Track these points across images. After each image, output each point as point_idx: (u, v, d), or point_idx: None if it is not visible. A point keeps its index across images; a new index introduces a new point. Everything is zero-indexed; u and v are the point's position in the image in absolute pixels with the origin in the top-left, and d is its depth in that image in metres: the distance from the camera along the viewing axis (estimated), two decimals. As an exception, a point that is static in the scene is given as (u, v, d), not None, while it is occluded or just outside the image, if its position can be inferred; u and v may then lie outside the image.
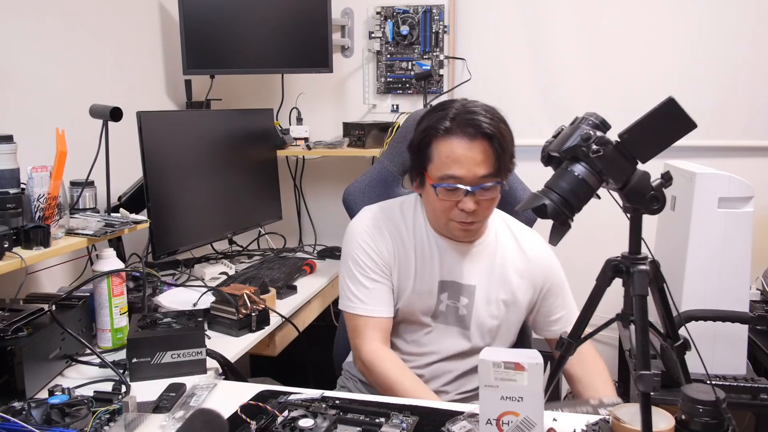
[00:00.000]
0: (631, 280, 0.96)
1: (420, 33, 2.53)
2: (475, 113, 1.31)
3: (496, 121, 1.32)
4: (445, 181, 1.32)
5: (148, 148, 1.76)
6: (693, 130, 0.92)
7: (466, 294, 1.44)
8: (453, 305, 1.44)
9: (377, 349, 1.39)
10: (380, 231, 1.45)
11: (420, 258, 1.44)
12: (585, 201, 0.96)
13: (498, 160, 1.30)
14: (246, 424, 1.04)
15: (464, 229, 1.37)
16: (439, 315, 1.45)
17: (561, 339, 1.06)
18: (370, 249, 1.43)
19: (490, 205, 1.36)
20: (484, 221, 1.41)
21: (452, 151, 1.31)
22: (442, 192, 1.33)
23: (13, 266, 1.25)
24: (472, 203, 1.32)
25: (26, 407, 1.02)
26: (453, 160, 1.31)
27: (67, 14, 1.87)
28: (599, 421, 1.01)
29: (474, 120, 1.30)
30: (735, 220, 1.60)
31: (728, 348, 1.63)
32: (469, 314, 1.44)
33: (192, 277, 1.97)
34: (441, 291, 1.44)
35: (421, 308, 1.44)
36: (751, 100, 2.32)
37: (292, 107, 2.58)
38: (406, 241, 1.45)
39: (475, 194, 1.31)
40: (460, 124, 1.31)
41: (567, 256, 1.56)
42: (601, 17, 2.39)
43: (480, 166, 1.30)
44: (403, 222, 1.47)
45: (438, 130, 1.32)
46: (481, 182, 1.31)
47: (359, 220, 1.49)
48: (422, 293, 1.44)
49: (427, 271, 1.44)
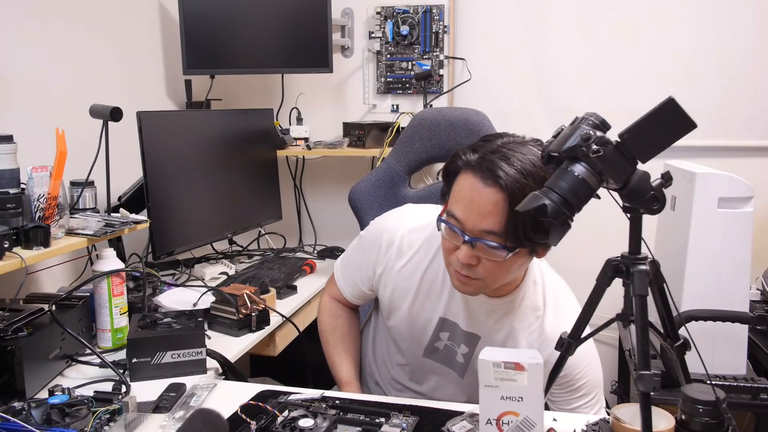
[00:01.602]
0: (631, 280, 0.96)
1: (420, 33, 2.53)
2: (505, 157, 1.08)
3: (524, 175, 1.07)
4: (448, 219, 1.15)
5: (148, 148, 1.76)
6: (693, 130, 0.92)
7: (467, 342, 1.30)
8: (452, 347, 1.32)
9: (327, 300, 1.52)
10: (391, 246, 1.34)
11: (428, 286, 1.31)
12: (585, 201, 0.96)
13: (509, 220, 1.07)
14: (246, 424, 1.04)
15: (459, 279, 1.18)
16: (435, 352, 1.34)
17: (561, 339, 1.06)
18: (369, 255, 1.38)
19: (495, 268, 1.13)
20: (487, 282, 1.17)
21: (463, 188, 1.12)
22: (444, 229, 1.16)
23: (13, 266, 1.25)
24: (467, 256, 1.12)
25: (26, 407, 1.02)
26: (460, 199, 1.12)
27: (68, 14, 1.87)
28: (599, 421, 1.01)
29: (495, 162, 1.08)
30: (735, 220, 1.60)
31: (728, 348, 1.63)
32: (467, 363, 1.31)
33: (192, 277, 1.97)
34: (441, 328, 1.31)
35: (414, 335, 1.34)
36: (751, 100, 2.32)
37: (292, 107, 2.58)
38: (419, 265, 1.32)
39: (475, 247, 1.11)
40: (481, 162, 1.10)
41: (567, 256, 1.56)
42: (601, 17, 2.39)
43: (485, 218, 1.09)
44: (430, 247, 1.32)
45: (461, 159, 1.14)
46: (481, 236, 1.10)
47: (387, 226, 1.37)
48: (418, 320, 1.32)
49: (430, 302, 1.31)
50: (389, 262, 1.34)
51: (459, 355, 1.32)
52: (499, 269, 1.14)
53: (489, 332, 1.28)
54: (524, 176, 1.07)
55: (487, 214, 1.09)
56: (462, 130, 1.82)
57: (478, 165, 1.10)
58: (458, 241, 1.13)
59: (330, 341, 1.48)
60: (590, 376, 1.27)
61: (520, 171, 1.07)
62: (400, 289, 1.33)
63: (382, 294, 1.38)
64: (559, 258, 1.52)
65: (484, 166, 1.09)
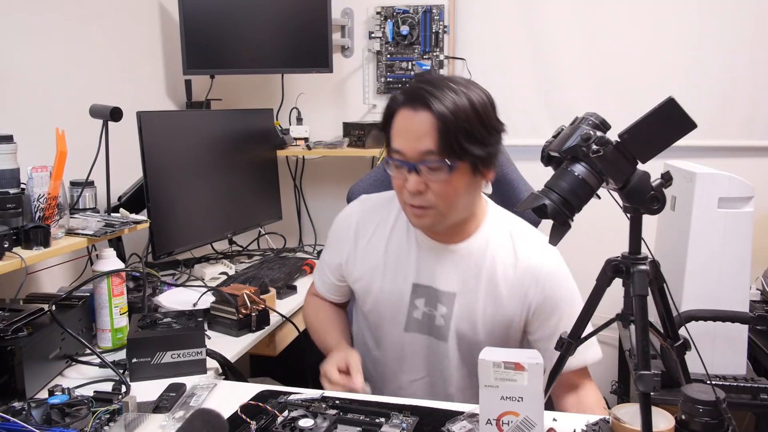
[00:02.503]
0: (631, 280, 0.96)
1: (420, 33, 2.53)
2: (430, 84, 1.18)
3: (449, 90, 1.17)
4: (391, 156, 1.22)
5: (148, 148, 1.76)
6: (693, 130, 0.92)
7: (445, 302, 1.30)
8: (430, 313, 1.32)
9: (308, 297, 1.58)
10: (349, 230, 1.40)
11: (394, 256, 1.34)
12: (585, 201, 0.96)
13: (443, 135, 1.15)
14: (246, 424, 1.04)
15: (415, 214, 1.23)
16: (415, 324, 1.34)
17: (561, 339, 1.06)
18: (332, 247, 1.46)
19: (443, 189, 1.19)
20: (443, 209, 1.21)
21: (399, 123, 1.21)
22: (391, 168, 1.23)
23: (13, 266, 1.25)
24: (415, 183, 1.18)
25: (26, 407, 1.02)
26: (397, 133, 1.21)
27: (68, 14, 1.87)
28: (599, 421, 1.01)
29: (420, 89, 1.18)
30: (735, 220, 1.60)
31: (728, 348, 1.63)
32: (447, 325, 1.30)
33: (192, 277, 1.97)
34: (416, 295, 1.32)
35: (391, 312, 1.35)
36: (751, 100, 2.32)
37: (292, 107, 2.58)
38: (381, 235, 1.37)
39: (420, 173, 1.18)
40: (408, 95, 1.19)
41: (567, 256, 1.56)
42: (602, 17, 2.38)
43: (421, 140, 1.16)
44: (389, 215, 1.38)
45: (394, 104, 1.23)
46: (422, 158, 1.17)
47: (342, 215, 1.46)
48: (392, 294, 1.34)
49: (400, 271, 1.33)
50: (352, 244, 1.39)
51: (438, 317, 1.32)
52: (448, 191, 1.19)
53: (464, 287, 1.30)
54: (447, 90, 1.17)
55: (422, 136, 1.16)
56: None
57: (407, 99, 1.20)
58: (404, 173, 1.20)
59: (314, 324, 1.52)
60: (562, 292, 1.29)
61: (443, 89, 1.17)
62: (368, 266, 1.37)
63: (353, 279, 1.40)
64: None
65: (412, 97, 1.19)
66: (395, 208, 1.37)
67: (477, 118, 1.17)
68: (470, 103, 1.17)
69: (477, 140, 1.17)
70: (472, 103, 1.17)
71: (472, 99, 1.18)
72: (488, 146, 1.20)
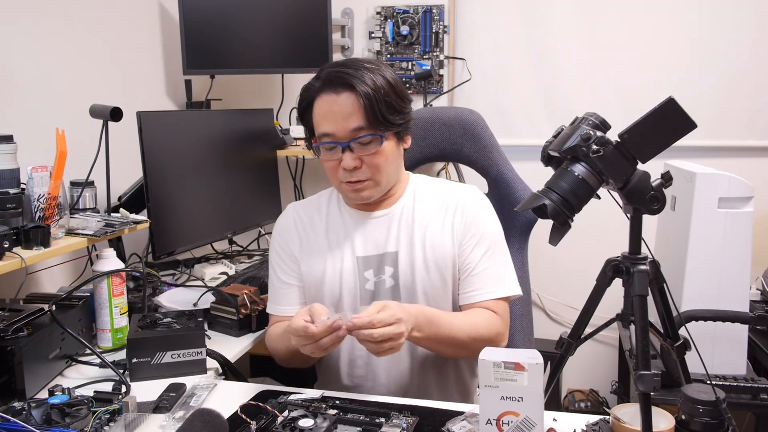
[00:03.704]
0: (631, 280, 0.96)
1: (420, 33, 2.53)
2: (345, 66, 1.28)
3: (365, 70, 1.27)
4: (321, 141, 1.30)
5: (148, 148, 1.76)
6: (693, 130, 0.92)
7: (390, 263, 1.36)
8: (378, 280, 1.36)
9: (269, 331, 1.44)
10: (290, 228, 1.43)
11: (334, 237, 1.40)
12: (585, 201, 0.96)
13: (369, 110, 1.25)
14: (246, 424, 1.04)
15: (353, 189, 1.32)
16: (367, 296, 1.36)
17: (561, 339, 1.06)
18: (280, 249, 1.44)
19: (376, 160, 1.29)
20: (378, 179, 1.31)
21: (322, 108, 1.28)
22: (323, 153, 1.31)
23: (13, 266, 1.25)
24: (351, 160, 1.27)
25: (26, 407, 1.02)
26: (323, 117, 1.28)
27: (67, 14, 1.87)
28: (599, 421, 1.01)
29: (338, 72, 1.27)
30: (735, 220, 1.60)
31: (728, 348, 1.64)
32: (397, 283, 1.35)
33: (192, 277, 1.97)
34: (364, 268, 1.37)
35: (347, 291, 1.36)
36: (751, 100, 2.32)
37: (292, 107, 2.58)
38: (318, 226, 1.42)
39: (353, 150, 1.27)
40: (326, 81, 1.28)
41: (567, 256, 1.56)
42: (602, 17, 2.39)
43: (349, 120, 1.25)
44: (320, 207, 1.44)
45: (311, 91, 1.30)
46: (353, 135, 1.26)
47: (278, 220, 1.48)
48: (343, 273, 1.36)
49: (341, 250, 1.38)
50: (294, 242, 1.42)
51: (387, 280, 1.36)
52: (380, 161, 1.30)
53: (403, 242, 1.36)
54: (363, 68, 1.27)
55: (349, 115, 1.25)
56: (456, 130, 1.82)
57: (325, 84, 1.28)
58: (338, 153, 1.29)
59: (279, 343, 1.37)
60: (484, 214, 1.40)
61: (360, 70, 1.26)
62: (314, 255, 1.40)
63: (304, 273, 1.40)
64: (560, 258, 1.52)
65: (331, 81, 1.27)
66: (324, 202, 1.46)
67: (393, 91, 1.29)
68: (384, 78, 1.29)
69: (396, 110, 1.29)
70: (386, 78, 1.29)
71: (385, 75, 1.30)
72: (405, 114, 1.33)
